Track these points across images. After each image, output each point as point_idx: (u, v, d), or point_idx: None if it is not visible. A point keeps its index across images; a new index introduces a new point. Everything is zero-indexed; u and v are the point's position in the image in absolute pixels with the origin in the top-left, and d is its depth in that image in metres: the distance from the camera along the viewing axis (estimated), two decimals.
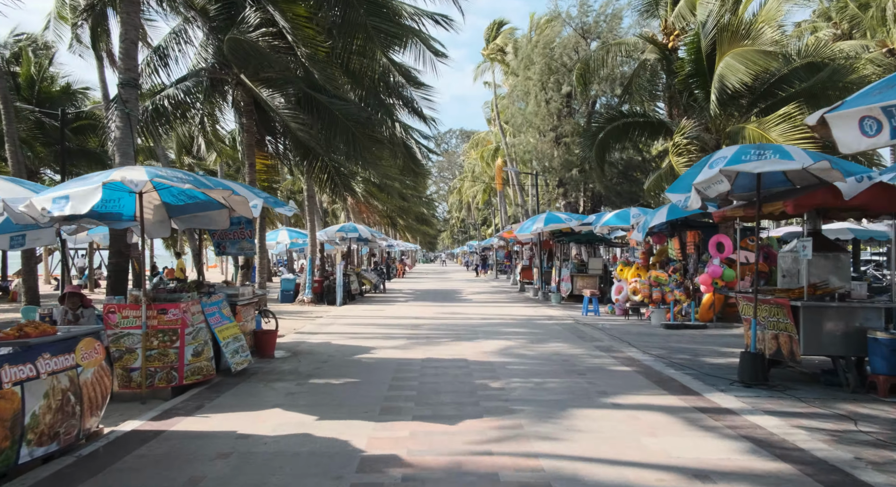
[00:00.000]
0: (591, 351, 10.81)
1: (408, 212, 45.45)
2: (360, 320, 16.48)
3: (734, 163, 7.42)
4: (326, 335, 13.16)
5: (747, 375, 7.81)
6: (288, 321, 16.02)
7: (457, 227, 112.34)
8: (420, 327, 14.67)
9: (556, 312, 18.32)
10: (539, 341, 12.19)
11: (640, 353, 10.56)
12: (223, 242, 10.70)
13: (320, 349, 11.29)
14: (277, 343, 11.79)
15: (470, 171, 71.29)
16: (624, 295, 17.58)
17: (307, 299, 20.97)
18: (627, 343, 11.71)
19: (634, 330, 13.88)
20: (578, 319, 16.34)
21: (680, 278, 15.09)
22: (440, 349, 11.22)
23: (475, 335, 13.16)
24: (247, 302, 10.22)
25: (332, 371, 9.07)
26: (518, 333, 13.48)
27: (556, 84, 29.14)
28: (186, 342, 7.59)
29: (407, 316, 17.25)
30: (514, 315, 17.40)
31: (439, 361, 9.90)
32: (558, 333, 13.41)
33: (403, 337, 12.80)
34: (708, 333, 13.31)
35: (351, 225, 24.15)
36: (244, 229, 10.55)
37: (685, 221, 15.62)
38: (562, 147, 29.21)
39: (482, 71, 42.52)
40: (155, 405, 7.17)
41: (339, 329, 14.31)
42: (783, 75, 14.12)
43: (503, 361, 9.89)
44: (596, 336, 12.80)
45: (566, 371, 8.92)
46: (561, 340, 12.28)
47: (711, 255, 14.42)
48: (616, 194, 29.03)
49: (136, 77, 9.13)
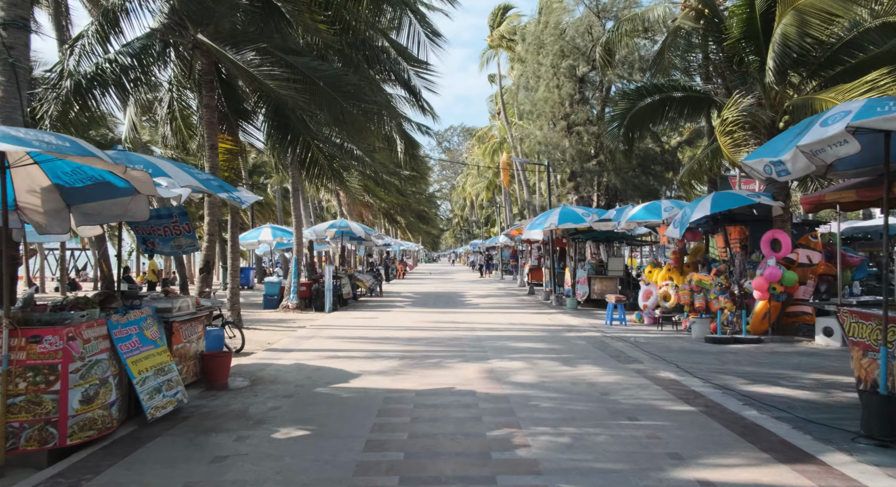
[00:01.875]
0: (633, 378, 8.45)
1: (408, 209, 43.08)
2: (347, 331, 14.14)
3: (867, 116, 5.06)
4: (302, 354, 10.82)
5: (879, 428, 5.44)
6: (262, 333, 13.71)
7: (460, 226, 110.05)
8: (417, 341, 12.33)
9: (574, 320, 15.95)
10: (563, 361, 9.83)
11: (697, 381, 8.20)
12: (151, 238, 8.36)
13: (289, 374, 8.95)
14: (239, 365, 9.48)
15: (473, 167, 68.91)
16: (653, 301, 15.26)
17: (292, 305, 18.64)
18: (675, 365, 9.35)
19: (675, 345, 11.52)
20: (603, 329, 13.97)
21: (725, 281, 12.72)
22: (440, 374, 8.88)
23: (483, 352, 10.82)
24: (189, 317, 7.90)
25: (294, 413, 6.73)
26: (535, 349, 11.13)
27: (569, 68, 26.74)
28: (71, 384, 5.25)
29: (403, 326, 14.91)
30: (526, 325, 15.04)
31: (438, 394, 7.56)
32: (584, 349, 11.05)
33: (396, 356, 10.47)
34: (767, 349, 10.94)
35: (343, 222, 21.82)
36: (178, 222, 8.21)
37: (728, 214, 13.27)
38: (574, 136, 26.80)
39: (487, 59, 40.12)
40: (19, 478, 4.85)
41: (319, 344, 11.97)
42: (851, 39, 11.75)
43: (522, 394, 7.54)
44: (632, 355, 10.44)
45: (610, 413, 6.57)
46: (590, 360, 9.93)
47: (765, 254, 12.06)
48: (633, 188, 26.66)
49: (26, 16, 6.82)
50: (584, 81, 28.29)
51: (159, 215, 8.15)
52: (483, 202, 69.77)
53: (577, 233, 20.32)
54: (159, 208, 7.66)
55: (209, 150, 11.08)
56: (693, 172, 13.63)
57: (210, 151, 11.07)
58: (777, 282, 11.48)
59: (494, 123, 55.38)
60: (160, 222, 8.11)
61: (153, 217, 7.94)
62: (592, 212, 18.71)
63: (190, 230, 8.29)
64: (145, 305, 7.08)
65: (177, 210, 8.08)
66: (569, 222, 18.32)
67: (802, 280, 11.81)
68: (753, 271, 12.62)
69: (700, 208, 12.45)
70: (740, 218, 13.29)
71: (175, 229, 8.14)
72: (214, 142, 11.12)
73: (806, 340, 11.65)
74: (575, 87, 27.15)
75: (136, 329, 6.44)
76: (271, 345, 11.99)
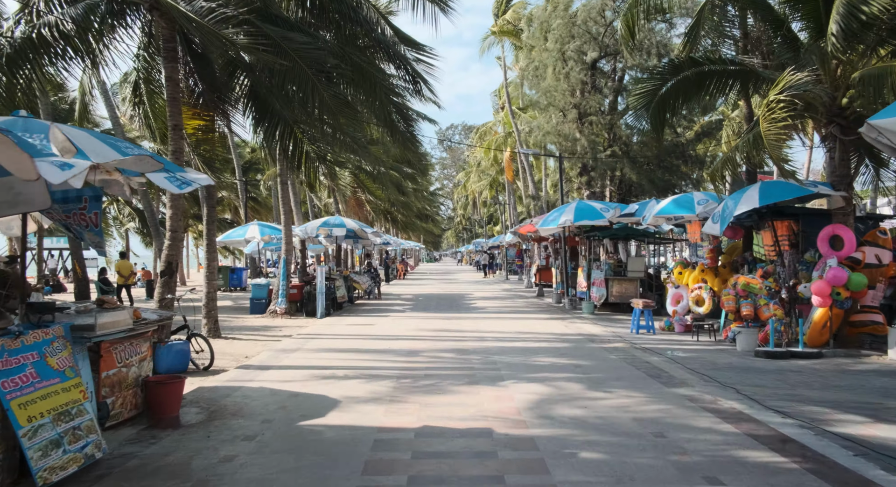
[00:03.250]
0: (688, 409, 6.71)
1: (408, 207, 41.32)
2: (338, 341, 12.42)
3: None
4: (280, 373, 9.10)
5: None
6: (241, 344, 12.00)
7: (462, 225, 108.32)
8: (417, 354, 10.60)
9: (594, 327, 14.21)
10: (594, 383, 8.09)
11: (771, 414, 6.47)
12: (75, 228, 6.54)
13: (259, 402, 7.23)
14: (200, 389, 7.78)
15: (475, 165, 67.20)
16: (684, 306, 13.52)
17: (280, 311, 16.91)
18: (734, 390, 7.61)
19: (721, 361, 9.78)
20: (630, 339, 12.23)
21: (775, 285, 10.99)
22: (445, 402, 7.15)
23: (495, 369, 9.09)
24: (126, 335, 6.18)
25: (251, 468, 5.01)
26: (557, 366, 9.39)
27: (579, 54, 25.00)
28: None
29: (401, 335, 13.18)
30: (541, 333, 13.31)
31: (444, 435, 5.84)
32: (615, 366, 9.32)
33: (392, 375, 8.74)
34: (833, 367, 9.19)
35: (337, 219, 20.08)
36: (85, 212, 6.40)
37: (774, 207, 11.54)
38: (586, 127, 25.07)
39: (489, 45, 38.28)
40: None
41: (303, 359, 10.24)
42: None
43: (553, 436, 5.81)
44: (674, 374, 8.70)
45: (680, 471, 4.84)
46: (626, 382, 8.19)
47: (822, 253, 10.32)
48: (650, 183, 24.91)
49: None
50: (596, 68, 26.56)
51: (66, 198, 6.31)
52: (487, 199, 68.04)
53: (592, 230, 18.58)
54: (67, 190, 5.86)
55: (172, 131, 9.35)
56: (729, 162, 11.87)
57: (173, 133, 9.34)
58: (842, 286, 9.74)
59: (497, 118, 53.64)
60: (68, 206, 6.31)
61: (58, 201, 6.17)
62: (612, 207, 16.99)
63: (97, 223, 6.46)
64: (59, 321, 5.37)
65: (89, 192, 6.26)
66: (586, 218, 16.61)
67: (871, 284, 10.07)
68: (807, 273, 10.89)
69: (746, 199, 10.73)
70: (790, 212, 11.56)
71: (82, 218, 6.36)
72: (178, 122, 9.38)
73: (875, 354, 9.91)
74: (587, 74, 25.40)
75: (34, 357, 4.73)
76: (247, 360, 10.28)
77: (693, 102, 12.05)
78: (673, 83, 11.29)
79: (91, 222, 6.41)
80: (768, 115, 9.20)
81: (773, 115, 9.58)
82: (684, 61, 11.19)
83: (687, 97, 11.37)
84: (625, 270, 17.94)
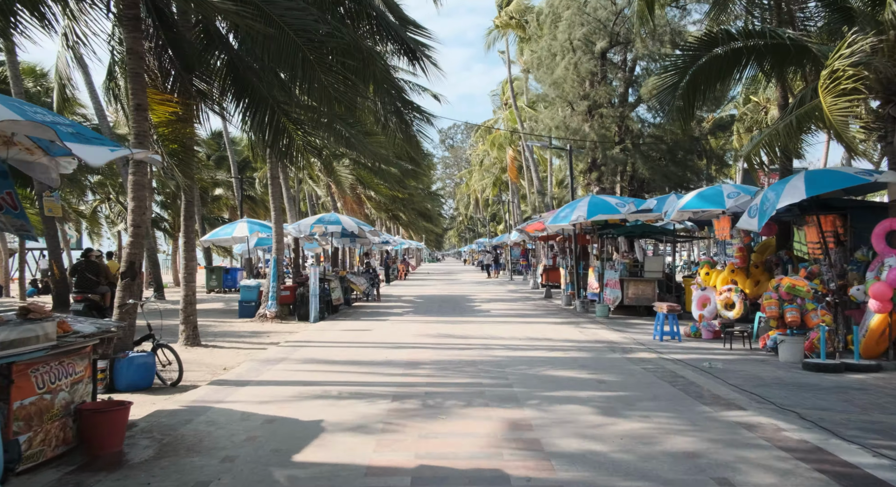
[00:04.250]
0: (751, 444, 5.45)
1: (409, 204, 40.05)
2: (329, 350, 11.17)
3: None
4: (258, 390, 7.85)
5: None
6: (222, 353, 10.79)
7: (464, 224, 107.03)
8: (417, 366, 9.34)
9: (612, 333, 12.94)
10: (626, 404, 6.83)
11: (855, 449, 5.21)
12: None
13: (224, 432, 5.98)
14: (158, 413, 6.54)
15: (478, 163, 65.96)
16: (711, 310, 12.27)
17: (270, 314, 15.68)
18: (794, 413, 6.36)
19: (766, 374, 8.51)
20: (655, 348, 10.96)
21: (822, 287, 9.71)
22: (450, 431, 5.91)
23: (508, 386, 7.84)
24: (51, 354, 4.94)
25: None
26: (579, 382, 8.13)
27: (588, 42, 23.74)
28: None
29: (400, 342, 11.93)
30: (555, 341, 12.05)
31: (448, 481, 4.60)
32: (646, 382, 8.05)
33: (387, 394, 7.49)
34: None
35: (332, 216, 18.85)
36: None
37: (818, 200, 10.26)
38: (596, 120, 23.81)
39: (493, 39, 36.99)
40: None
41: (287, 373, 9.00)
42: None
43: (584, 481, 4.56)
44: (718, 392, 7.43)
45: None
46: (663, 402, 6.93)
47: (878, 251, 9.04)
48: (663, 178, 23.67)
49: None
50: (606, 59, 25.32)
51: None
52: (491, 197, 66.76)
53: (606, 227, 17.32)
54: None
55: (134, 111, 8.11)
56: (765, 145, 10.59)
57: (136, 113, 8.10)
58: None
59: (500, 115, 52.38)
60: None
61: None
62: (628, 202, 15.73)
63: (15, 205, 5.23)
64: None
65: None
66: (600, 213, 15.34)
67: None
68: (858, 273, 9.63)
69: (790, 191, 9.45)
70: (837, 205, 10.29)
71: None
72: (142, 101, 8.14)
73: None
74: (596, 64, 24.15)
75: None
76: (224, 373, 9.04)
77: (726, 81, 10.76)
78: (705, 61, 10.01)
79: (6, 204, 5.18)
80: (832, 87, 7.92)
81: (839, 86, 8.26)
82: (716, 36, 9.90)
83: (721, 77, 10.09)
84: (641, 270, 16.68)
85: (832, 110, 8.31)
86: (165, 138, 9.96)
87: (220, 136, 38.94)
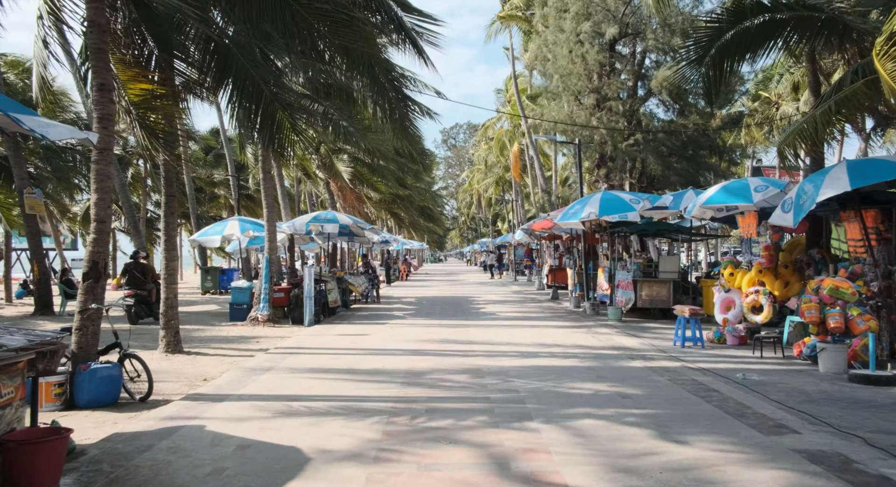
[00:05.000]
0: (822, 482, 4.51)
1: (410, 201, 39.08)
2: (322, 358, 10.23)
3: None
4: (237, 406, 6.92)
5: None
6: (204, 361, 9.89)
7: (466, 224, 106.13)
8: (417, 377, 8.41)
9: (627, 339, 11.99)
10: (659, 426, 5.89)
11: None
12: None
13: (187, 462, 5.05)
14: (114, 436, 5.61)
15: (481, 162, 65.08)
16: (737, 314, 11.33)
17: (262, 318, 14.74)
18: (859, 438, 5.42)
19: (810, 388, 7.57)
20: (678, 355, 10.01)
21: (866, 290, 8.76)
22: (456, 461, 4.98)
23: (520, 403, 6.90)
24: None
25: None
26: (601, 398, 7.18)
27: (596, 32, 22.79)
28: None
29: (399, 349, 10.99)
30: (566, 346, 11.10)
31: None
32: (677, 397, 7.11)
33: (383, 411, 6.56)
34: None
35: (329, 213, 17.92)
36: None
37: (858, 193, 9.28)
38: (604, 113, 22.87)
39: (496, 31, 35.97)
40: None
41: (273, 384, 8.06)
42: None
43: None
44: (763, 410, 6.48)
45: None
46: (702, 424, 5.99)
47: None
48: (676, 174, 22.71)
49: None
50: (614, 50, 24.38)
51: None
52: (494, 195, 65.87)
53: (618, 225, 16.37)
54: None
55: (97, 91, 7.19)
56: (801, 134, 9.65)
57: (98, 93, 7.18)
58: None
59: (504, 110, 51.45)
60: None
61: None
62: (642, 198, 14.77)
63: None
64: None
65: None
66: (613, 211, 14.39)
67: None
68: None
69: (830, 182, 8.49)
70: (882, 198, 9.34)
71: None
72: (105, 79, 7.22)
73: None
74: (605, 55, 23.20)
75: None
76: (203, 385, 8.12)
77: (759, 58, 9.79)
78: (736, 32, 9.05)
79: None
80: (891, 52, 6.96)
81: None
82: (745, 6, 8.93)
83: (751, 50, 9.13)
84: (655, 270, 15.73)
85: (893, 77, 7.38)
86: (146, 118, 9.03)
87: (217, 134, 38.11)
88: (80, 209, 36.13)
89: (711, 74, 9.25)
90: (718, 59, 9.06)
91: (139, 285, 14.86)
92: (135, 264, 15.26)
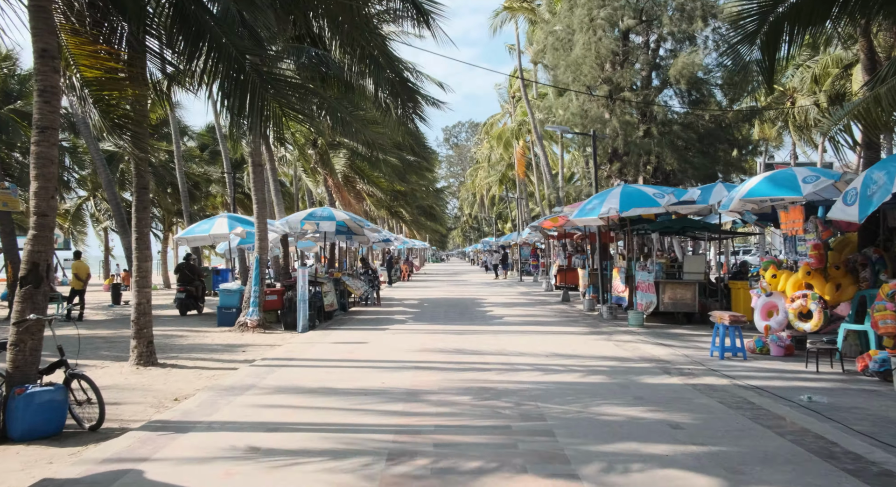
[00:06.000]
0: None
1: (411, 199, 37.81)
2: (312, 372, 8.96)
3: None
4: (202, 440, 5.66)
5: None
6: (179, 375, 8.69)
7: (469, 224, 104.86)
8: (420, 399, 7.14)
9: (655, 348, 10.72)
10: (729, 471, 4.63)
11: None
12: None
13: None
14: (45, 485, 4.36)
15: (484, 159, 63.75)
16: (780, 321, 10.09)
17: (252, 323, 13.50)
18: None
19: (894, 413, 6.30)
20: (720, 370, 8.72)
21: None
22: None
23: (548, 436, 5.64)
24: None
25: None
26: (644, 427, 5.90)
27: (610, 21, 21.53)
28: None
29: (400, 361, 9.73)
30: (589, 358, 9.84)
31: None
32: (739, 427, 5.84)
33: (380, 450, 5.31)
34: None
35: (325, 210, 16.68)
36: None
37: None
38: (618, 105, 21.60)
39: (501, 21, 34.61)
40: None
41: (248, 410, 6.78)
42: None
43: None
44: (851, 447, 5.22)
45: None
46: (781, 465, 4.73)
47: None
48: (694, 169, 21.46)
49: None
50: (628, 39, 23.12)
51: None
52: (497, 193, 64.60)
53: (638, 222, 15.11)
54: None
55: (39, 59, 5.96)
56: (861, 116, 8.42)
57: (41, 62, 5.96)
58: None
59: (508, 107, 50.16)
60: None
61: None
62: (667, 192, 13.51)
63: None
64: None
65: None
66: (635, 206, 13.14)
67: None
68: None
69: None
70: None
71: None
72: (48, 44, 5.96)
73: None
74: (618, 44, 21.93)
75: None
76: (171, 407, 6.89)
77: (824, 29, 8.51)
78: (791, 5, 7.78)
79: None
80: None
81: None
82: None
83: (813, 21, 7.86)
84: (679, 271, 14.46)
85: None
86: (104, 103, 7.81)
87: (213, 131, 36.94)
88: (70, 206, 35.04)
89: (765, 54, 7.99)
90: (773, 36, 7.79)
91: (189, 282, 17.20)
92: (186, 265, 17.77)
